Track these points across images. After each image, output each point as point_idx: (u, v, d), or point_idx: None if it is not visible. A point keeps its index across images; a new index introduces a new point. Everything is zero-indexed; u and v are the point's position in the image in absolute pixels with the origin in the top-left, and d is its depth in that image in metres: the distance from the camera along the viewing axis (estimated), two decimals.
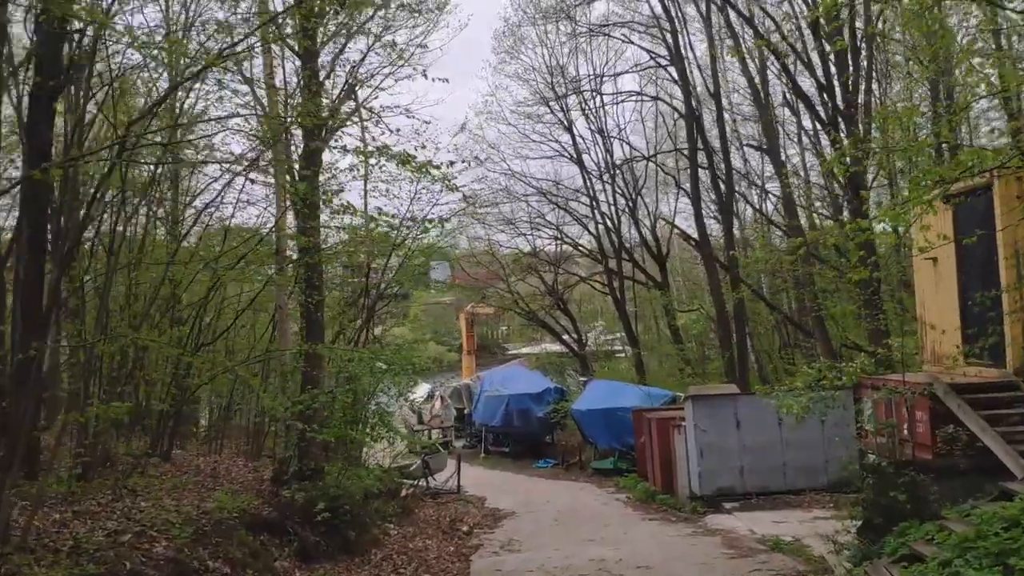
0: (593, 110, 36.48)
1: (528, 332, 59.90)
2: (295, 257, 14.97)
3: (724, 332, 26.97)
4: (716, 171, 27.90)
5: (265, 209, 16.09)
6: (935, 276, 13.61)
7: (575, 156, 37.41)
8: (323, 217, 15.10)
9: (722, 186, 27.74)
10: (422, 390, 41.61)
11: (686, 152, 29.16)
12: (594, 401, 29.93)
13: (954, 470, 11.00)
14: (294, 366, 14.75)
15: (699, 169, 28.26)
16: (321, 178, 15.18)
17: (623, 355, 45.75)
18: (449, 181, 12.72)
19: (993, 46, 19.20)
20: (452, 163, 13.47)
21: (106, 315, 11.64)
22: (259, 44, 10.07)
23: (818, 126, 22.96)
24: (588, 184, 38.19)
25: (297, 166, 14.16)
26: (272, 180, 14.90)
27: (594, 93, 32.84)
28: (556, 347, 46.95)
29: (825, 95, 20.44)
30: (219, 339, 15.96)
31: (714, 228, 33.26)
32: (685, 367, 34.78)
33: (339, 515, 13.22)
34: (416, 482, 24.54)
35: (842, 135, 20.05)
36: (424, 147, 14.83)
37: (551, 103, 35.91)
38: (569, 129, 37.23)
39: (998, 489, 9.94)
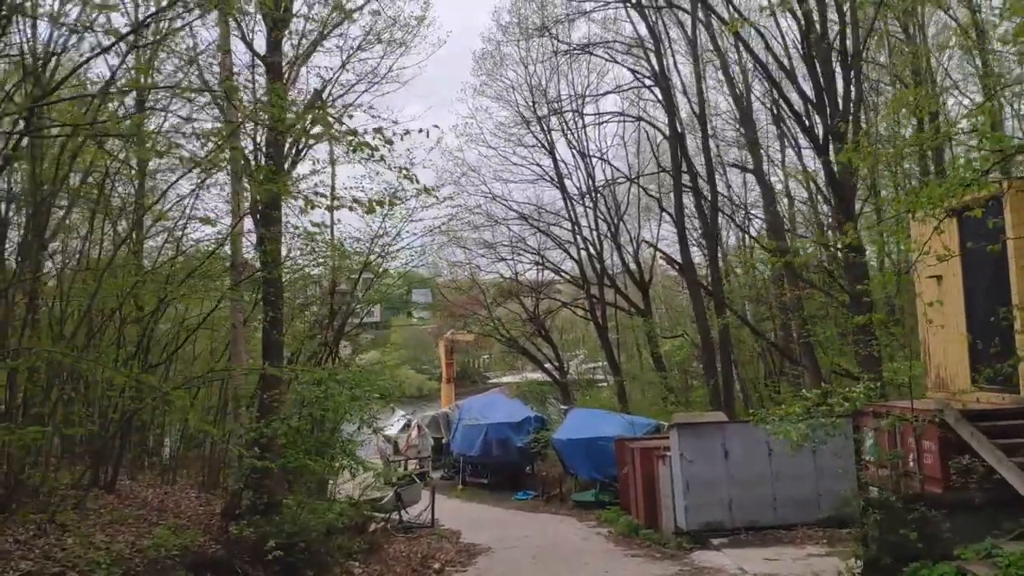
0: (574, 132, 35.85)
1: (509, 361, 59.03)
2: (254, 270, 13.90)
3: (709, 359, 26.05)
4: (701, 194, 27.12)
5: (220, 219, 15.05)
6: (939, 295, 12.72)
7: (557, 179, 36.67)
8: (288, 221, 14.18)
9: (707, 210, 26.95)
10: (398, 419, 40.58)
11: (670, 173, 28.40)
12: (575, 430, 28.92)
13: (968, 505, 10.05)
14: (251, 391, 13.66)
15: (683, 192, 27.47)
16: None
17: (605, 384, 44.85)
18: (419, 188, 11.68)
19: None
20: (426, 189, 12.54)
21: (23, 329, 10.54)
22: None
23: (801, 149, 22.34)
24: (570, 208, 37.49)
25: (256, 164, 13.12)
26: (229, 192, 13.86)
27: (576, 114, 32.16)
28: (538, 376, 46.09)
29: (815, 114, 19.71)
30: (170, 360, 14.78)
31: (697, 255, 32.58)
32: (668, 395, 33.87)
33: (295, 553, 12.08)
34: (388, 515, 23.42)
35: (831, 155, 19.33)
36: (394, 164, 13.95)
37: (532, 124, 35.21)
38: (551, 152, 36.59)
39: (1020, 526, 8.98)
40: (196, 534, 11.52)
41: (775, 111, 27.30)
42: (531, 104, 34.07)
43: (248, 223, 13.66)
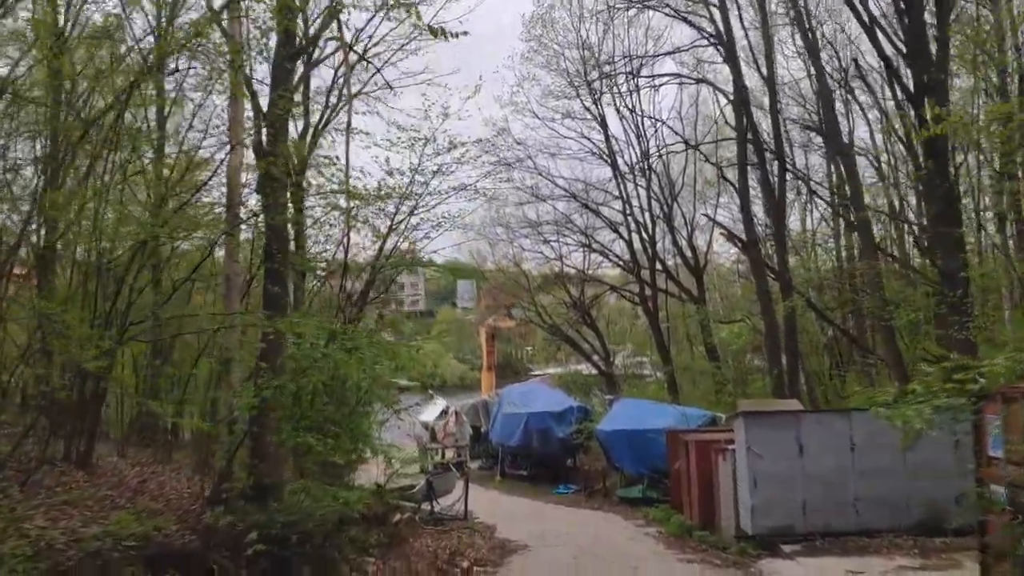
0: (627, 100, 33.52)
1: (553, 352, 57.08)
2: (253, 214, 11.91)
3: (772, 346, 23.63)
4: (766, 167, 24.67)
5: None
6: None
7: (607, 153, 34.36)
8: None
9: (773, 181, 24.47)
10: (436, 406, 38.85)
11: (735, 139, 25.92)
12: (622, 421, 26.88)
13: None
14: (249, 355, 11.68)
15: (748, 165, 24.99)
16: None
17: (653, 378, 42.45)
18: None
19: None
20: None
21: None
22: None
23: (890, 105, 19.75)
24: (621, 186, 35.15)
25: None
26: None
27: (629, 77, 29.79)
28: (583, 368, 44.02)
29: (907, 68, 17.19)
30: (156, 319, 12.82)
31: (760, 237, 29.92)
32: (723, 387, 31.48)
33: (288, 546, 10.12)
34: (417, 505, 21.52)
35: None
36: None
37: (581, 91, 32.90)
38: (602, 123, 34.27)
39: None
40: (168, 521, 9.62)
41: (846, 77, 24.66)
42: (582, 69, 31.76)
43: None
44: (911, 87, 16.95)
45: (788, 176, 25.82)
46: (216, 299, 14.74)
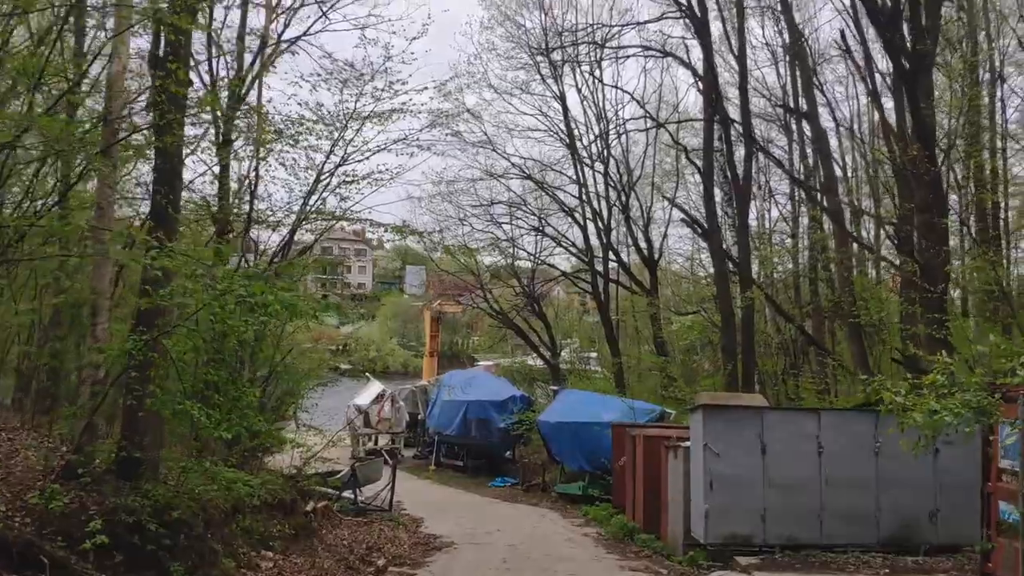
0: (589, 75, 31.91)
1: (500, 345, 55.58)
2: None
3: (729, 340, 22.18)
4: (732, 150, 23.21)
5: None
6: None
7: (565, 132, 32.67)
8: None
9: (739, 166, 23.00)
10: (372, 389, 37.06)
11: (700, 120, 24.38)
12: (565, 413, 25.36)
13: None
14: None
15: (713, 147, 23.47)
16: None
17: (599, 375, 41.01)
18: None
19: None
20: None
21: None
22: None
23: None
24: (578, 169, 33.53)
25: None
26: None
27: (593, 47, 28.06)
28: (529, 361, 42.43)
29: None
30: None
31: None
32: (671, 384, 30.03)
33: (153, 537, 8.22)
34: (337, 494, 19.70)
35: None
36: None
37: (541, 65, 31.12)
38: (562, 100, 32.53)
39: None
40: None
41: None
42: (543, 39, 29.96)
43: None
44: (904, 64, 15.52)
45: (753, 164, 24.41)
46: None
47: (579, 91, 33.27)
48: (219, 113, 14.95)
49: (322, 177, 15.35)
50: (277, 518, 13.17)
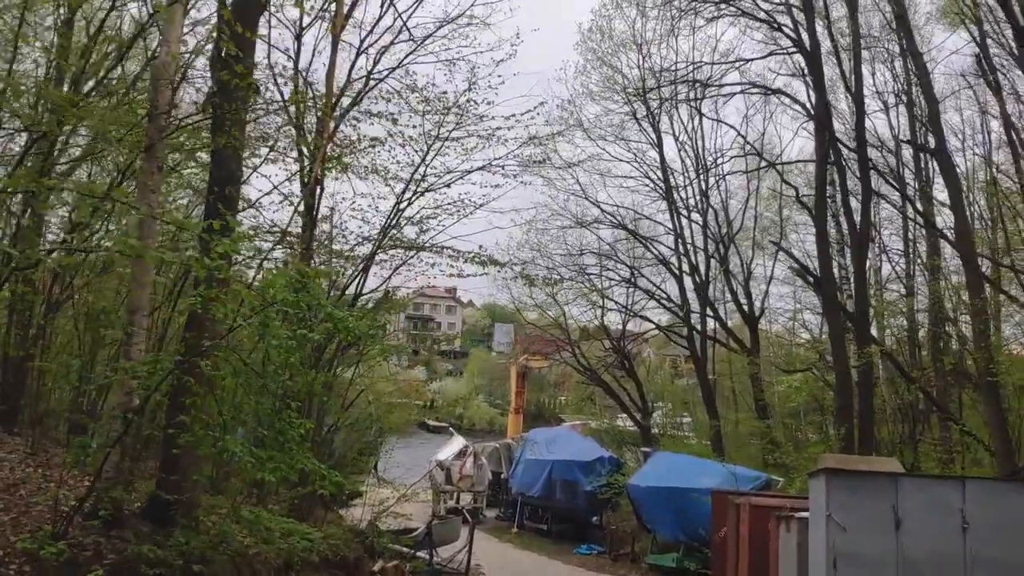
0: (687, 121, 30.60)
1: (587, 406, 53.86)
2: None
3: (845, 401, 20.05)
4: (847, 194, 21.36)
5: None
6: None
7: (662, 179, 31.27)
8: None
9: (855, 211, 21.05)
10: (455, 444, 35.75)
11: (811, 161, 22.64)
12: (659, 477, 23.46)
13: None
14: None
15: (827, 187, 21.61)
16: None
17: (693, 440, 38.88)
18: None
19: None
20: None
21: None
22: None
23: None
24: (675, 218, 32.01)
25: None
26: None
27: (694, 86, 26.63)
28: (618, 423, 40.62)
29: None
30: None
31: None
32: (775, 450, 27.76)
33: None
34: (410, 554, 18.29)
35: None
36: None
37: (637, 108, 29.90)
38: (658, 147, 31.23)
39: None
40: None
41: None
42: (640, 78, 28.78)
43: None
44: None
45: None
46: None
47: (676, 138, 32.03)
48: (305, 151, 14.19)
49: (401, 205, 14.31)
50: None
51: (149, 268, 8.26)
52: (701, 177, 31.18)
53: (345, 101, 15.31)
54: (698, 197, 32.27)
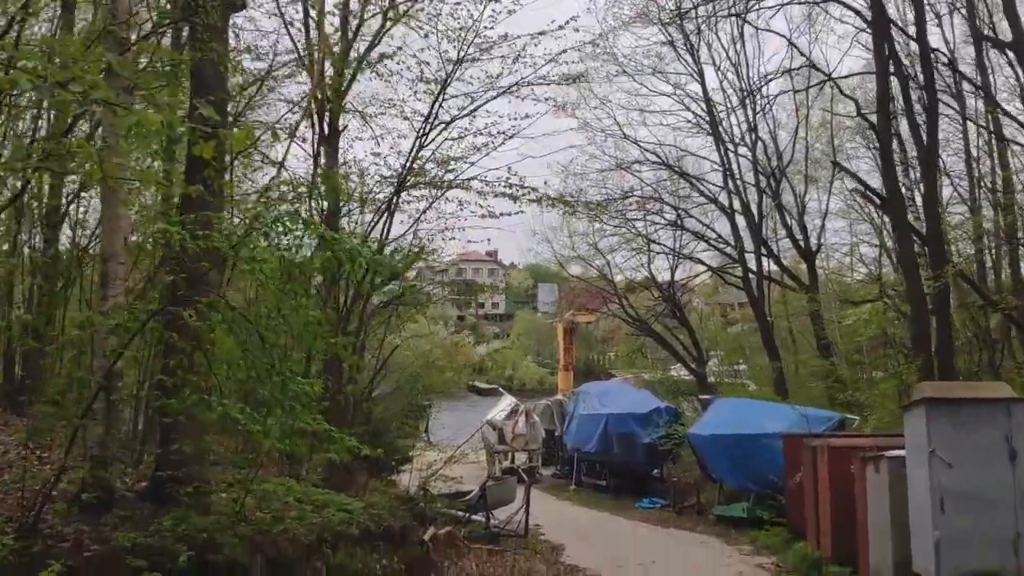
0: (727, 50, 28.85)
1: (638, 359, 52.63)
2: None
3: (921, 330, 18.47)
4: (911, 107, 19.55)
5: None
6: None
7: (705, 111, 29.59)
8: None
9: (921, 126, 19.28)
10: (505, 403, 34.88)
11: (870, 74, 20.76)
12: (721, 425, 22.21)
13: None
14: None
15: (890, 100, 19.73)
16: None
17: (752, 387, 37.49)
18: None
19: None
20: None
21: None
22: None
23: None
24: (721, 153, 30.41)
25: None
26: None
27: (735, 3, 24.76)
28: (672, 374, 39.37)
29: None
30: None
31: None
32: (841, 389, 26.28)
33: None
34: (464, 518, 17.33)
35: None
36: None
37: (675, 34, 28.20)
38: (699, 76, 29.48)
39: None
40: None
41: None
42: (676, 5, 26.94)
43: None
44: None
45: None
46: None
47: (716, 67, 30.25)
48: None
49: (424, 139, 13.07)
50: (382, 550, 10.68)
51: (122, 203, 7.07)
52: (747, 105, 29.39)
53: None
54: (744, 128, 30.59)
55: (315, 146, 13.91)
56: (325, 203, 13.60)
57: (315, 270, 6.48)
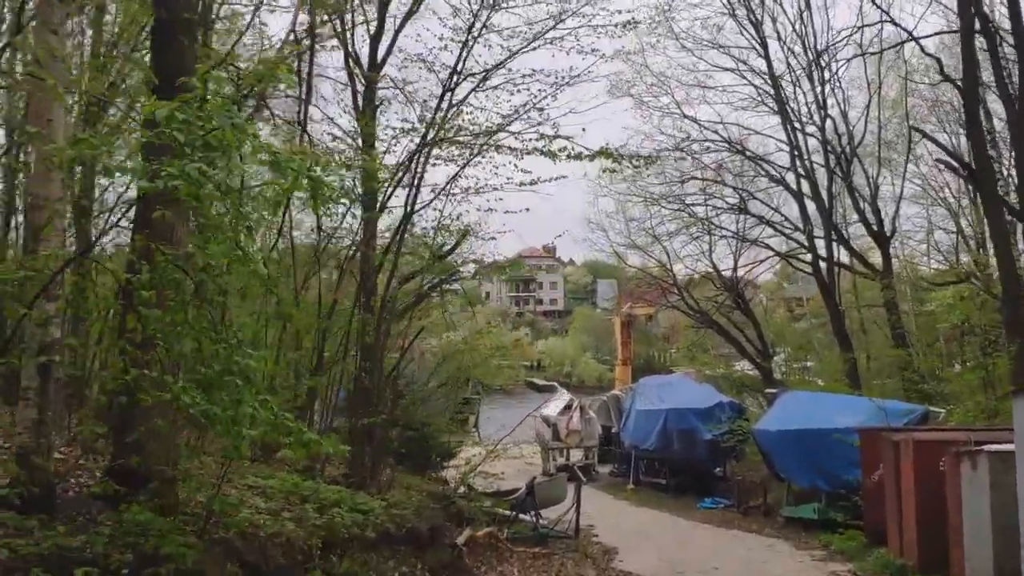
0: (793, 22, 27.18)
1: (699, 355, 50.98)
2: None
3: (1014, 310, 16.61)
4: (1000, 68, 17.68)
5: None
6: None
7: (771, 85, 27.85)
8: None
9: (1011, 84, 17.32)
10: (560, 398, 33.53)
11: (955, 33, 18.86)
12: (789, 420, 20.59)
13: None
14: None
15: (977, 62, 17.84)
16: None
17: (820, 383, 35.64)
18: None
19: None
20: None
21: None
22: None
23: None
24: (789, 132, 28.68)
25: None
26: None
27: None
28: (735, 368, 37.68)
29: None
30: None
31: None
32: (920, 380, 24.41)
33: None
34: (511, 518, 16.10)
35: None
36: None
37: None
38: (763, 48, 27.81)
39: None
40: None
41: None
42: None
43: None
44: None
45: None
46: None
47: (781, 40, 28.49)
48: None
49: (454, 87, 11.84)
50: (403, 556, 9.48)
51: (56, 132, 5.86)
52: (815, 77, 27.58)
53: None
54: (812, 107, 28.78)
55: (353, 98, 12.99)
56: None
57: (266, 201, 5.27)
